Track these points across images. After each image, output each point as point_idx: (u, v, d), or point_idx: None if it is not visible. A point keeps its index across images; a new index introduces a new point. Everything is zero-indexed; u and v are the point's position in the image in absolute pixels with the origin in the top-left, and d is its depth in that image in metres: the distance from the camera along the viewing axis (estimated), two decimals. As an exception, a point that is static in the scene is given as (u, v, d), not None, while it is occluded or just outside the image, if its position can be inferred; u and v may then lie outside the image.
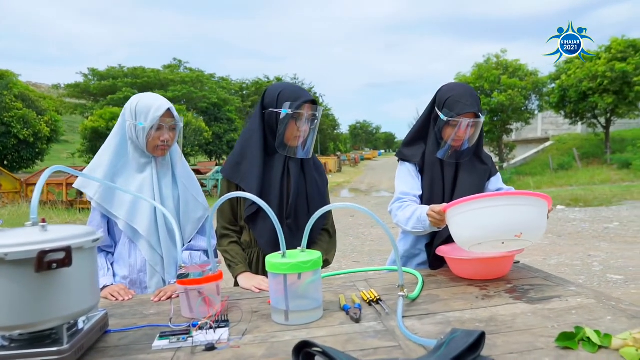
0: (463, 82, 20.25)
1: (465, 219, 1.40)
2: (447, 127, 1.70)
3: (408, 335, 1.07)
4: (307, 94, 1.73)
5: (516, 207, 1.35)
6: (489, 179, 1.80)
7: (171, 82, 39.01)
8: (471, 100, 1.67)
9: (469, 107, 1.65)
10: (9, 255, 0.92)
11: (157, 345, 1.11)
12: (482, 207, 1.37)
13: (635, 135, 21.01)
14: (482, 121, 1.72)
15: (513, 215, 1.34)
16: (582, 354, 0.95)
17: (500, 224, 1.34)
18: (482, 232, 1.37)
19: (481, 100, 8.19)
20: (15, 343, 1.01)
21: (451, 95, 1.69)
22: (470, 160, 1.76)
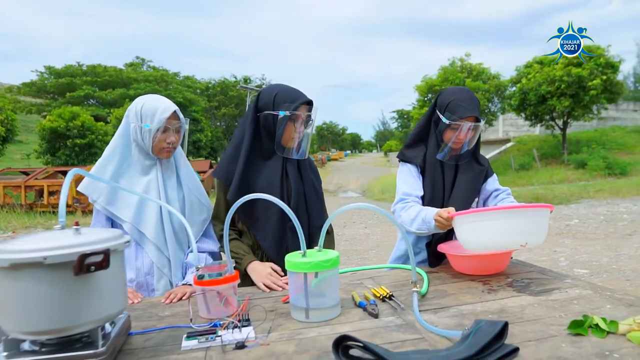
0: (430, 84, 20.77)
1: (474, 228, 1.48)
2: (449, 130, 1.77)
3: (430, 328, 1.13)
4: (304, 95, 1.75)
5: (521, 219, 1.44)
6: (486, 179, 1.89)
7: (134, 80, 37.98)
8: (472, 104, 1.74)
9: (470, 111, 1.72)
10: (48, 259, 0.91)
11: (186, 346, 1.12)
12: (487, 220, 1.45)
13: (589, 137, 22.12)
14: (482, 125, 1.81)
15: (518, 228, 1.43)
16: (593, 339, 1.04)
17: (506, 235, 1.44)
18: (488, 243, 1.46)
19: None
20: (46, 347, 1.00)
21: (453, 99, 1.76)
22: (469, 162, 1.85)
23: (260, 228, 1.74)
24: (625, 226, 7.78)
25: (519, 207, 1.49)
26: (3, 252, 0.92)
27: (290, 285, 1.34)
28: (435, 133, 1.83)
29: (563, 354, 0.97)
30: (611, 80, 18.71)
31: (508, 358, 0.96)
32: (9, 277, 0.93)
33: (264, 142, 1.76)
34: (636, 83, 48.25)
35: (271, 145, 1.74)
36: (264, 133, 1.75)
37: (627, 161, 18.42)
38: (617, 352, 0.97)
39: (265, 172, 1.75)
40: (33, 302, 0.93)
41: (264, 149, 1.76)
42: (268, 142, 1.75)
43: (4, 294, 0.94)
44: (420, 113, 20.43)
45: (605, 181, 15.82)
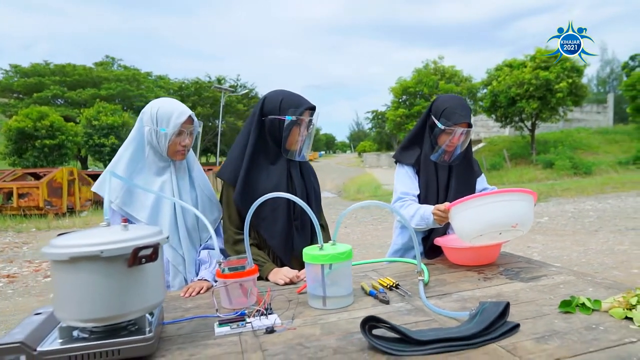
0: (404, 86, 21.17)
1: (468, 214, 1.63)
2: (443, 134, 1.92)
3: (440, 311, 1.27)
4: (307, 101, 1.85)
5: (511, 202, 1.61)
6: (476, 179, 2.06)
7: (105, 80, 37.12)
8: (465, 111, 1.90)
9: (464, 117, 1.88)
10: (104, 252, 1.01)
11: (220, 332, 1.23)
12: (482, 204, 1.61)
13: (556, 138, 23.00)
14: (473, 130, 1.97)
15: (509, 209, 1.59)
16: (581, 316, 1.20)
17: (499, 217, 1.59)
18: (484, 225, 1.61)
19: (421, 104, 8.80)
20: (95, 335, 1.09)
21: (448, 107, 1.91)
22: (461, 164, 2.00)
23: (267, 228, 1.82)
24: (591, 223, 8.20)
25: (509, 191, 1.65)
26: (63, 247, 1.01)
27: (308, 276, 1.45)
28: (430, 136, 1.98)
29: (557, 328, 1.13)
30: (576, 84, 19.54)
31: (511, 333, 1.11)
32: (67, 270, 1.01)
33: (269, 145, 1.85)
34: (599, 86, 50.29)
35: (276, 148, 1.84)
36: (269, 137, 1.84)
37: (591, 161, 19.26)
38: (601, 325, 1.13)
39: (271, 175, 1.83)
40: (90, 292, 1.02)
41: (268, 152, 1.85)
42: (273, 146, 1.84)
43: (62, 285, 1.03)
44: (395, 114, 20.80)
45: (571, 180, 16.51)
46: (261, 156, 1.84)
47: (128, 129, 27.74)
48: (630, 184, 14.11)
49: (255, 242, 1.83)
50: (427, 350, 1.03)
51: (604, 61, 52.09)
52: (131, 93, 36.11)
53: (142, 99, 36.09)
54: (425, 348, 1.04)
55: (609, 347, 1.01)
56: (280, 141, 1.82)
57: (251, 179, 1.80)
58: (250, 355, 1.07)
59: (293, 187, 1.87)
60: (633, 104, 20.59)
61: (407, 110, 20.77)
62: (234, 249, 1.77)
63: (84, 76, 37.43)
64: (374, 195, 15.76)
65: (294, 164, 1.89)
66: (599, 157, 20.40)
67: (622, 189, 13.35)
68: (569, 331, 1.11)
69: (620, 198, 11.52)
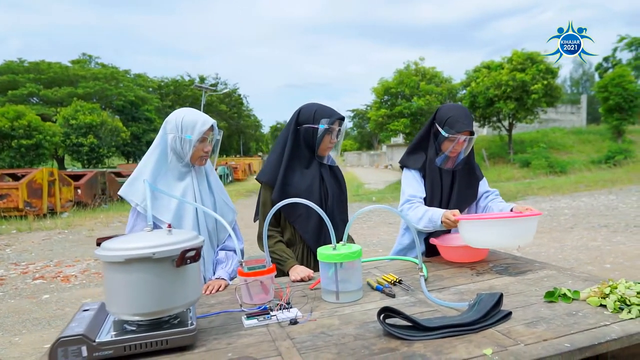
0: (386, 86, 21.45)
1: (478, 232, 1.79)
2: (447, 141, 2.06)
3: (441, 303, 1.45)
4: (338, 112, 2.09)
5: (517, 226, 1.76)
6: (478, 183, 2.22)
7: (82, 78, 36.42)
8: (468, 120, 2.04)
9: (467, 126, 2.02)
10: (156, 254, 1.15)
11: (249, 324, 1.37)
12: (492, 226, 1.77)
13: (532, 137, 23.67)
14: (475, 137, 2.12)
15: (514, 232, 1.75)
16: (563, 304, 1.39)
17: (504, 238, 1.76)
18: (491, 244, 1.78)
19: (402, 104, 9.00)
20: (142, 328, 1.23)
21: (451, 116, 2.05)
22: (463, 169, 2.15)
23: (302, 224, 2.03)
24: (566, 220, 8.57)
25: (515, 216, 1.78)
26: (118, 250, 1.15)
27: (322, 273, 1.61)
28: (434, 143, 2.13)
29: (543, 315, 1.31)
30: (551, 85, 20.18)
31: (505, 319, 1.29)
32: (122, 270, 1.15)
33: (303, 151, 2.07)
34: (572, 87, 51.70)
35: (309, 154, 2.06)
36: (303, 143, 2.06)
37: (566, 160, 19.93)
38: (580, 312, 1.32)
39: (306, 177, 2.05)
40: (142, 289, 1.15)
41: (302, 157, 2.07)
42: (306, 151, 2.07)
43: (117, 283, 1.16)
44: (377, 114, 21.10)
45: (547, 179, 17.07)
46: (296, 161, 2.06)
47: (107, 129, 27.40)
48: (602, 183, 14.69)
49: (287, 239, 2.06)
50: (435, 335, 1.20)
51: (576, 63, 53.66)
52: (109, 92, 35.50)
53: (121, 97, 35.60)
54: (434, 333, 1.21)
55: (587, 330, 1.20)
56: (313, 147, 2.05)
57: (288, 180, 2.02)
58: (281, 343, 1.22)
59: (325, 188, 2.10)
60: (605, 105, 21.36)
61: (389, 110, 21.09)
62: (268, 243, 1.97)
63: (60, 74, 36.67)
64: (355, 194, 16.01)
65: (325, 168, 2.12)
66: (573, 156, 21.10)
67: (595, 188, 13.90)
68: (554, 317, 1.30)
69: (593, 196, 12.02)
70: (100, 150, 27.10)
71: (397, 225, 9.37)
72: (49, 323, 4.23)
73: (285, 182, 2.00)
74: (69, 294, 5.24)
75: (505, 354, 1.09)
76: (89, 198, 15.93)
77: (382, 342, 1.20)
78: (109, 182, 17.28)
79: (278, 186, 1.99)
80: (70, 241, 9.27)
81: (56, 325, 4.14)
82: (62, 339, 1.11)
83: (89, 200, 15.80)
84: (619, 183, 14.30)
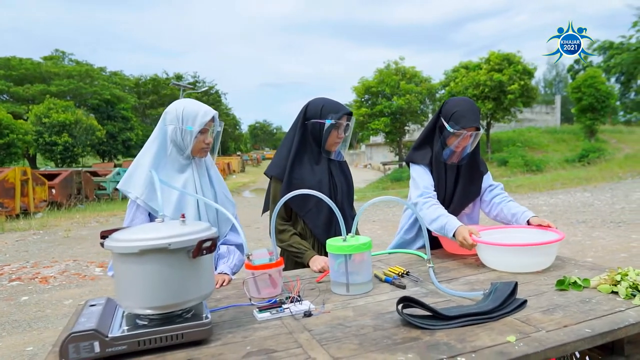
0: (367, 85, 21.54)
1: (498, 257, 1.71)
2: (452, 136, 2.01)
3: (455, 293, 1.44)
4: (345, 107, 2.06)
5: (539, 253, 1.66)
6: (482, 178, 2.19)
7: (55, 75, 35.38)
8: (474, 116, 1.99)
9: (472, 122, 1.97)
10: (172, 245, 1.10)
11: (262, 317, 1.34)
12: (512, 252, 1.67)
13: (508, 137, 24.15)
14: (482, 132, 2.08)
15: (536, 259, 1.67)
16: (574, 292, 1.41)
17: (525, 265, 1.67)
18: (510, 268, 1.68)
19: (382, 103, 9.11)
20: (154, 322, 1.18)
21: (457, 111, 2.00)
22: (468, 163, 2.12)
23: (312, 218, 2.01)
24: (546, 216, 8.72)
25: (538, 244, 1.66)
26: (132, 241, 1.10)
27: (331, 265, 1.59)
28: (440, 137, 2.09)
29: (557, 302, 1.32)
30: (527, 86, 20.64)
31: (521, 307, 1.29)
32: (136, 262, 1.10)
33: (311, 146, 2.04)
34: (546, 88, 53.00)
35: (317, 149, 2.03)
36: (311, 138, 2.04)
37: (541, 159, 20.41)
38: (593, 299, 1.34)
39: (316, 173, 2.03)
40: (156, 282, 1.11)
41: (312, 152, 2.05)
42: (314, 146, 2.04)
43: (130, 275, 1.11)
44: (358, 113, 21.16)
45: (524, 177, 17.45)
46: (305, 156, 2.04)
47: (81, 128, 26.72)
48: (577, 180, 15.10)
49: (298, 232, 2.03)
50: (456, 324, 1.20)
51: (550, 64, 55.06)
52: (84, 90, 34.59)
53: (96, 96, 34.76)
54: (454, 322, 1.20)
55: (604, 316, 1.21)
56: (320, 142, 2.03)
57: (297, 175, 1.99)
58: (299, 335, 1.20)
59: (334, 183, 2.07)
60: (578, 105, 21.95)
61: (370, 109, 21.19)
62: (278, 237, 1.99)
63: (32, 71, 35.55)
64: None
65: (334, 163, 2.10)
66: (548, 155, 21.62)
67: (570, 185, 14.27)
68: (568, 304, 1.30)
69: (570, 193, 12.33)
70: (74, 150, 26.43)
71: (380, 222, 9.40)
72: (30, 325, 4.08)
73: (295, 177, 1.98)
74: (49, 295, 5.07)
75: (528, 341, 1.08)
76: (64, 198, 15.50)
77: (402, 332, 1.18)
78: (84, 181, 16.86)
79: (287, 180, 1.96)
80: (46, 242, 8.98)
81: (37, 328, 4.00)
82: (74, 335, 1.05)
83: (63, 200, 15.38)
84: (593, 181, 14.71)
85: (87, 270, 6.27)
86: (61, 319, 4.21)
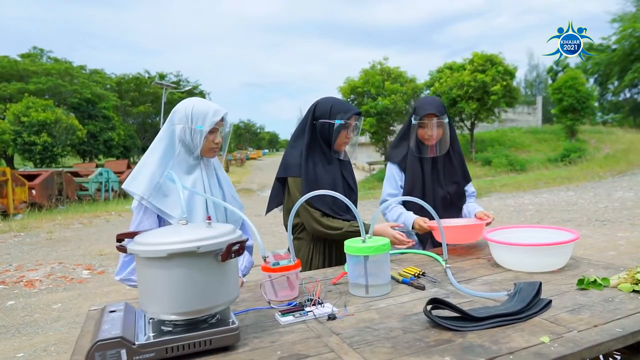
0: (352, 85, 21.59)
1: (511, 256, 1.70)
2: (419, 129, 2.19)
3: (478, 294, 1.43)
4: (354, 107, 2.05)
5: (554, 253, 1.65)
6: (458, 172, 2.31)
7: (33, 73, 34.51)
8: (431, 105, 2.16)
9: (429, 109, 2.14)
10: (201, 248, 1.07)
11: (286, 321, 1.31)
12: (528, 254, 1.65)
13: (492, 137, 24.48)
14: (446, 122, 2.18)
15: (550, 260, 1.66)
16: (595, 291, 1.41)
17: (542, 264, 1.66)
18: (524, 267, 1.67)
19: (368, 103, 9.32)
20: (179, 328, 1.14)
21: (418, 104, 2.21)
22: (445, 157, 2.24)
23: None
24: (532, 215, 8.91)
25: (556, 244, 1.65)
26: (159, 244, 1.06)
27: (349, 267, 1.57)
28: (413, 134, 2.23)
29: (581, 302, 1.33)
30: (510, 86, 20.93)
31: (546, 308, 1.29)
32: (164, 266, 1.06)
33: (321, 145, 2.04)
34: (526, 89, 53.93)
35: (327, 148, 2.03)
36: (320, 138, 2.03)
37: (525, 158, 20.75)
38: (616, 298, 1.34)
39: (330, 172, 2.04)
40: (184, 286, 1.07)
41: (321, 152, 2.04)
42: (324, 146, 2.04)
43: (157, 280, 1.07)
44: (343, 113, 21.19)
45: (508, 176, 17.72)
46: (317, 156, 2.03)
47: (61, 127, 26.12)
48: (559, 179, 15.39)
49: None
50: (486, 325, 1.19)
51: (530, 65, 56.04)
52: (64, 88, 33.82)
53: (76, 94, 34.02)
54: (484, 323, 1.19)
55: (632, 315, 1.22)
56: (329, 142, 2.02)
57: (311, 173, 2.00)
58: (328, 339, 1.17)
59: (347, 183, 2.10)
60: (560, 106, 22.35)
61: (356, 109, 21.24)
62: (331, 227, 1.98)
63: (9, 69, 34.62)
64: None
65: (344, 164, 2.12)
66: (530, 154, 21.99)
67: (553, 184, 14.53)
68: (592, 304, 1.31)
69: (553, 192, 12.56)
70: (54, 149, 25.83)
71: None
72: (19, 330, 3.96)
73: (310, 175, 1.98)
74: (36, 300, 4.93)
75: (563, 341, 1.08)
76: (45, 199, 15.14)
77: (433, 334, 1.17)
78: (65, 182, 16.49)
79: (305, 178, 1.96)
80: (28, 244, 8.75)
81: (27, 333, 3.88)
82: (100, 343, 1.01)
83: (44, 202, 15.01)
84: (575, 180, 15.01)
85: (74, 273, 6.13)
86: (51, 323, 4.10)
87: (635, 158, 17.85)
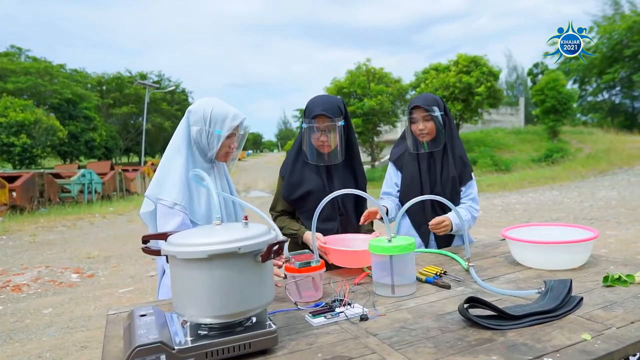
0: (339, 86, 21.61)
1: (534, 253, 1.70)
2: (411, 124, 2.21)
3: (508, 292, 1.42)
4: (323, 106, 1.93)
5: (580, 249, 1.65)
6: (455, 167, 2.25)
7: (11, 72, 33.68)
8: (418, 100, 2.19)
9: (415, 102, 2.18)
10: (241, 249, 1.03)
11: (318, 322, 1.28)
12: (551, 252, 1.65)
13: (477, 137, 24.76)
14: (436, 114, 2.15)
15: (576, 256, 1.66)
16: (621, 288, 1.42)
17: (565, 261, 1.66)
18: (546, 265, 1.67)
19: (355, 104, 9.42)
20: (214, 331, 1.10)
21: (410, 101, 2.26)
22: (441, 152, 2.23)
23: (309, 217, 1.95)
24: (520, 214, 9.03)
25: (577, 242, 1.66)
26: (199, 245, 1.02)
27: (374, 266, 1.55)
28: (408, 131, 2.26)
29: (611, 299, 1.33)
30: (494, 88, 21.21)
31: (579, 305, 1.29)
32: (204, 267, 1.02)
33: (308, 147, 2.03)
34: (508, 90, 54.75)
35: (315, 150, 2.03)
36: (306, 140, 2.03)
37: (509, 159, 21.03)
38: (644, 294, 1.36)
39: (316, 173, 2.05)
40: (225, 288, 1.04)
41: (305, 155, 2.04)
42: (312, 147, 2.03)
43: (195, 282, 1.03)
44: (330, 114, 21.20)
45: (493, 177, 17.94)
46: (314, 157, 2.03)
47: (41, 128, 25.52)
48: (543, 179, 15.66)
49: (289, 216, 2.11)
50: (524, 324, 1.18)
51: (510, 67, 56.88)
52: (43, 88, 33.08)
53: (56, 94, 33.31)
54: (522, 322, 1.19)
55: (665, 311, 1.22)
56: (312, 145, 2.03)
57: (296, 176, 2.02)
58: (366, 340, 1.15)
59: (332, 184, 2.05)
60: (542, 107, 22.74)
61: (342, 110, 21.26)
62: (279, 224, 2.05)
63: (-15, 68, 33.75)
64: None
65: (336, 166, 2.08)
66: (514, 155, 22.31)
67: (538, 184, 14.78)
68: (623, 300, 1.32)
69: (538, 192, 12.77)
70: (33, 151, 25.23)
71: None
72: (10, 337, 3.83)
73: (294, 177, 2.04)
74: (26, 305, 4.79)
75: (604, 338, 1.08)
76: (26, 201, 14.77)
77: (472, 333, 1.16)
78: (47, 184, 16.11)
79: (287, 180, 2.05)
80: (11, 247, 8.51)
81: (19, 339, 3.76)
82: (139, 349, 0.97)
83: (25, 204, 14.64)
84: (558, 180, 15.29)
85: (63, 277, 5.98)
86: (44, 329, 3.99)
87: (615, 158, 18.29)
